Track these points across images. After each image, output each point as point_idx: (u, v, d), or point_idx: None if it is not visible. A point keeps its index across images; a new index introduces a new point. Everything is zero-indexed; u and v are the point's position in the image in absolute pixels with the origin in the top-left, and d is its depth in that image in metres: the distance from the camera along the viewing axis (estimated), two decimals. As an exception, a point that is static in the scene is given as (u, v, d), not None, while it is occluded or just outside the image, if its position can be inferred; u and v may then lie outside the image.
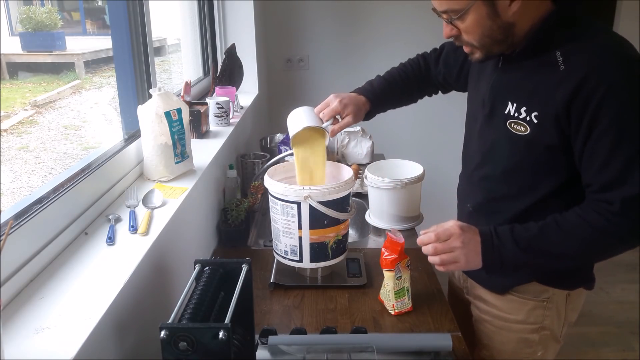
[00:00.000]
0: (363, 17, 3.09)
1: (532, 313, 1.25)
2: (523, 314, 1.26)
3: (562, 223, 1.07)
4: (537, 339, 1.27)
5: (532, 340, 1.28)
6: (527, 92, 1.09)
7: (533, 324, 1.26)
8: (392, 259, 1.24)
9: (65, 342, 0.75)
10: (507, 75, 1.16)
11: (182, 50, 2.50)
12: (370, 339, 1.13)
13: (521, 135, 1.11)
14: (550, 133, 1.06)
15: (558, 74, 1.03)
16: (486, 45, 1.10)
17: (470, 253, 1.10)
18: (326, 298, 1.35)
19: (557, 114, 1.03)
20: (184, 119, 1.39)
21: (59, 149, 1.48)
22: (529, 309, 1.25)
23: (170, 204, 1.24)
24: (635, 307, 2.88)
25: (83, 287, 0.89)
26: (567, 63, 1.02)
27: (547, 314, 1.25)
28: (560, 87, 1.02)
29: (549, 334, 1.28)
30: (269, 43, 3.10)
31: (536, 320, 1.26)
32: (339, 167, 1.47)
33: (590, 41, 1.04)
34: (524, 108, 1.09)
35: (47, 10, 1.50)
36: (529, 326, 1.27)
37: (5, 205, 0.97)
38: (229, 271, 0.94)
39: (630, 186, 1.00)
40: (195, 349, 0.76)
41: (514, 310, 1.27)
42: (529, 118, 1.08)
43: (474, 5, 1.04)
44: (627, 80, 0.99)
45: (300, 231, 1.33)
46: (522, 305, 1.25)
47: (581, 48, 1.03)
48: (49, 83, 1.59)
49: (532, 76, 1.09)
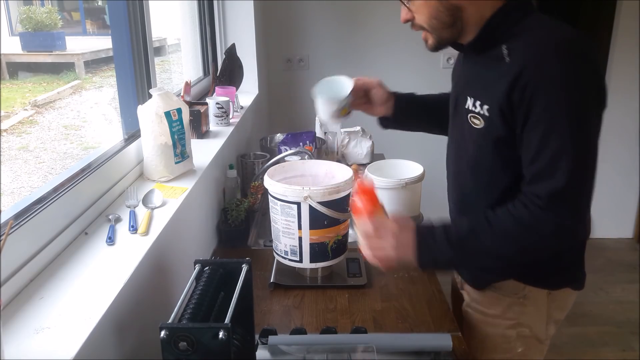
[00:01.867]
0: (363, 17, 3.09)
1: (510, 309, 1.25)
2: (500, 309, 1.26)
3: (492, 220, 1.06)
4: (514, 335, 1.27)
5: (510, 335, 1.27)
6: (480, 86, 1.11)
7: (510, 319, 1.26)
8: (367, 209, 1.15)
9: (65, 342, 0.75)
10: (466, 71, 1.20)
11: (182, 50, 2.50)
12: (370, 339, 1.13)
13: (478, 128, 1.12)
14: (497, 125, 1.07)
15: (504, 67, 1.04)
16: (436, 28, 1.11)
17: (403, 251, 1.07)
18: (326, 298, 1.35)
19: (500, 106, 1.04)
20: (184, 119, 1.39)
21: (59, 149, 1.48)
22: (506, 304, 1.25)
23: (170, 204, 1.24)
24: (635, 307, 2.88)
25: (83, 287, 0.89)
26: (511, 57, 1.03)
27: (525, 311, 1.24)
28: (503, 79, 1.03)
29: (528, 331, 1.27)
30: (269, 43, 3.10)
31: (513, 316, 1.25)
32: (339, 167, 1.47)
33: (535, 36, 1.04)
34: (479, 102, 1.10)
35: (47, 10, 1.50)
36: (507, 322, 1.26)
37: (5, 205, 0.97)
38: (229, 271, 0.94)
39: (558, 180, 0.99)
40: (195, 349, 0.76)
41: (492, 305, 1.27)
42: (482, 112, 1.10)
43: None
44: (562, 74, 0.98)
45: (300, 231, 1.33)
46: (499, 301, 1.26)
47: (525, 42, 1.03)
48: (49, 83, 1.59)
49: (484, 71, 1.11)
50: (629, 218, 3.66)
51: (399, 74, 3.15)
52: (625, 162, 3.53)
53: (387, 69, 3.16)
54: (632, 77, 3.36)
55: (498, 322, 1.27)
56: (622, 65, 3.35)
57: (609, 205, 3.60)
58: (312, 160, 1.74)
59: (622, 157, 3.52)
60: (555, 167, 1.00)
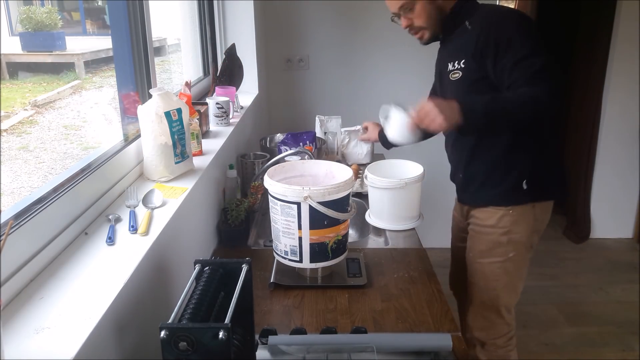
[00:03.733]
0: (363, 17, 3.09)
1: (501, 220, 1.62)
2: (494, 220, 1.63)
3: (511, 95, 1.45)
4: (505, 241, 1.63)
5: (502, 242, 1.63)
6: (455, 51, 1.59)
7: (502, 228, 1.62)
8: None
9: (65, 342, 0.75)
10: (444, 50, 1.69)
11: (182, 50, 2.49)
12: (370, 339, 1.13)
13: (457, 79, 1.57)
14: (473, 69, 1.52)
15: (469, 33, 1.54)
16: (431, 25, 1.59)
17: (446, 110, 1.40)
18: (326, 298, 1.35)
19: (473, 56, 1.50)
20: (184, 119, 1.39)
21: (59, 149, 1.48)
22: (499, 216, 1.62)
23: (170, 204, 1.24)
24: (635, 307, 2.88)
25: (83, 287, 0.89)
26: (472, 25, 1.54)
27: (514, 220, 1.61)
28: (470, 39, 1.52)
29: (517, 237, 1.62)
30: (269, 43, 3.10)
31: (504, 225, 1.62)
32: (339, 167, 1.47)
33: (486, 9, 1.56)
34: (456, 62, 1.57)
35: (47, 10, 1.49)
36: (499, 230, 1.63)
37: (5, 205, 0.97)
38: (229, 271, 0.94)
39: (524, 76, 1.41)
40: (195, 349, 0.76)
41: (488, 218, 1.65)
42: (458, 66, 1.56)
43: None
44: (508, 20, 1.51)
45: (300, 231, 1.33)
46: (493, 214, 1.63)
47: (480, 14, 1.55)
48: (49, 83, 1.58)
49: (456, 42, 1.60)
50: (629, 218, 3.66)
51: (398, 73, 3.15)
52: (625, 162, 3.53)
53: (386, 68, 3.16)
54: (632, 77, 3.35)
55: (493, 231, 1.64)
56: (622, 65, 3.35)
57: (609, 205, 3.60)
58: (312, 160, 1.74)
59: (622, 157, 3.52)
60: (528, 67, 1.41)
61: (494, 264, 1.66)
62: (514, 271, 1.67)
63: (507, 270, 1.66)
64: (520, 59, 1.42)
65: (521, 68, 1.41)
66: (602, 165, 3.56)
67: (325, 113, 2.46)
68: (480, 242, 1.68)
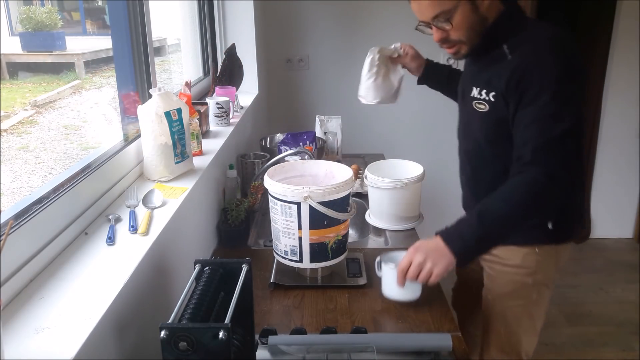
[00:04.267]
0: (363, 17, 3.09)
1: (526, 258, 1.43)
2: (518, 260, 1.44)
3: (500, 190, 1.25)
4: (530, 282, 1.45)
5: (527, 283, 1.45)
6: (485, 78, 1.34)
7: (527, 268, 1.44)
8: None
9: (65, 342, 0.75)
10: (472, 68, 1.43)
11: (182, 50, 2.49)
12: (370, 339, 1.13)
13: (482, 111, 1.35)
14: (500, 107, 1.30)
15: (506, 62, 1.28)
16: (471, 38, 1.31)
17: (437, 255, 1.22)
18: (326, 298, 1.35)
19: (502, 92, 1.28)
20: (184, 119, 1.39)
21: (59, 149, 1.48)
22: (523, 254, 1.43)
23: (170, 204, 1.24)
24: (635, 307, 2.88)
25: (83, 287, 0.89)
26: (512, 54, 1.28)
27: (539, 260, 1.43)
28: (505, 71, 1.27)
29: (541, 278, 1.45)
30: (269, 43, 3.10)
31: (529, 264, 1.43)
32: (339, 167, 1.47)
33: (530, 35, 1.29)
34: (485, 91, 1.34)
35: (47, 10, 1.49)
36: (524, 270, 1.44)
37: (5, 205, 0.97)
38: (229, 271, 0.94)
39: (538, 138, 1.21)
40: (195, 349, 0.76)
41: (511, 257, 1.44)
42: (487, 98, 1.33)
43: (460, 4, 1.25)
44: (548, 62, 1.23)
45: (300, 231, 1.33)
46: (517, 252, 1.43)
47: (522, 40, 1.28)
48: (49, 83, 1.58)
49: (488, 66, 1.34)
50: (629, 218, 3.66)
51: (399, 74, 3.15)
52: (625, 162, 3.53)
53: (387, 69, 3.15)
54: (632, 77, 3.35)
55: (517, 272, 1.45)
56: (622, 65, 3.35)
57: (609, 205, 3.60)
58: (312, 160, 1.74)
59: (622, 157, 3.52)
60: (538, 132, 1.21)
61: (517, 308, 1.48)
62: (537, 314, 1.50)
63: (531, 313, 1.49)
64: (541, 117, 1.21)
65: (538, 128, 1.21)
66: (602, 165, 3.56)
67: (325, 113, 2.46)
68: (501, 283, 1.48)
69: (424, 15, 1.29)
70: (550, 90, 1.20)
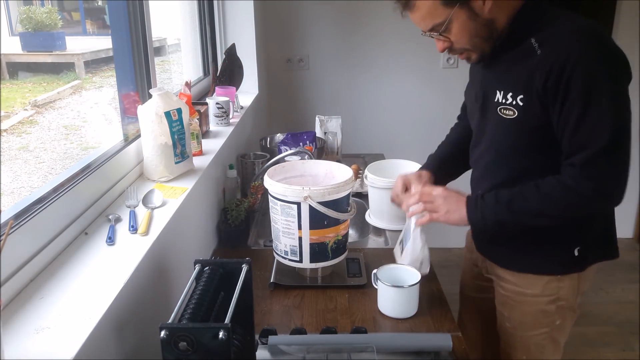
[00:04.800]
0: (363, 17, 3.09)
1: (548, 286, 1.31)
2: (539, 288, 1.32)
3: (540, 185, 1.17)
4: (553, 309, 1.33)
5: (550, 310, 1.34)
6: (511, 79, 1.19)
7: (549, 295, 1.32)
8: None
9: (65, 342, 0.75)
10: (493, 68, 1.26)
11: (182, 50, 2.49)
12: (370, 339, 1.13)
13: (511, 118, 1.20)
14: (535, 112, 1.16)
15: (536, 58, 1.13)
16: (477, 44, 1.20)
17: (452, 206, 1.24)
18: (326, 298, 1.35)
19: (538, 94, 1.13)
20: (184, 119, 1.39)
21: (59, 149, 1.48)
22: (544, 282, 1.31)
23: (170, 204, 1.24)
24: (635, 307, 2.88)
25: (83, 287, 0.89)
26: (542, 48, 1.13)
27: (562, 286, 1.31)
28: (538, 69, 1.12)
29: (565, 304, 1.33)
30: (269, 43, 3.10)
31: (552, 292, 1.32)
32: (339, 167, 1.47)
33: (561, 26, 1.14)
34: (510, 94, 1.19)
35: (47, 10, 1.49)
36: (546, 298, 1.32)
37: (5, 205, 0.97)
38: (229, 271, 0.94)
39: (590, 148, 1.10)
40: (195, 349, 0.76)
41: (530, 285, 1.33)
42: (515, 102, 1.18)
43: (454, 13, 1.15)
44: (591, 56, 1.09)
45: (300, 231, 1.33)
46: (537, 280, 1.32)
47: (553, 33, 1.13)
48: (49, 83, 1.58)
49: (514, 65, 1.19)
50: (629, 218, 3.66)
51: (399, 73, 3.15)
52: (625, 162, 3.53)
53: (387, 68, 3.16)
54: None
55: (537, 300, 1.33)
56: (622, 65, 3.35)
57: (609, 205, 3.59)
58: (312, 160, 1.74)
59: (622, 157, 3.52)
60: (589, 139, 1.10)
61: (540, 336, 1.37)
62: (561, 336, 1.40)
63: (554, 339, 1.39)
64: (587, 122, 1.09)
65: (589, 134, 1.09)
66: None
67: (325, 113, 2.46)
68: (521, 312, 1.37)
69: (420, 27, 1.22)
70: (601, 83, 1.08)
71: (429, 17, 1.17)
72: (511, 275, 1.36)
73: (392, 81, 3.18)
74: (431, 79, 3.14)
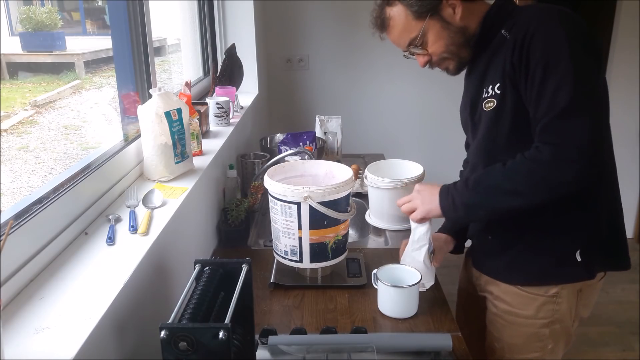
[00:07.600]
0: (363, 17, 3.08)
1: (542, 308, 1.27)
2: (533, 310, 1.27)
3: (507, 162, 1.15)
4: (547, 333, 1.29)
5: (543, 334, 1.29)
6: (490, 72, 1.21)
7: (543, 318, 1.27)
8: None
9: (65, 342, 0.75)
10: (475, 73, 1.28)
11: (182, 50, 2.49)
12: (370, 339, 1.13)
13: (492, 110, 1.20)
14: (510, 97, 1.16)
15: (506, 44, 1.16)
16: (454, 52, 1.25)
17: (426, 199, 1.24)
18: (326, 298, 1.35)
19: (509, 76, 1.14)
20: (184, 119, 1.39)
21: (59, 149, 1.48)
22: (538, 304, 1.27)
23: (170, 204, 1.24)
24: (635, 307, 2.88)
25: (83, 287, 0.89)
26: (510, 33, 1.17)
27: (557, 309, 1.26)
28: (507, 52, 1.15)
29: (559, 328, 1.29)
30: (269, 43, 3.10)
31: (546, 315, 1.27)
32: (339, 167, 1.47)
33: (525, 10, 1.18)
34: (490, 86, 1.20)
35: (47, 10, 1.49)
36: (540, 321, 1.28)
37: (5, 205, 0.97)
38: (229, 271, 0.94)
39: (551, 112, 1.08)
40: (195, 349, 0.76)
41: (524, 306, 1.28)
42: (494, 92, 1.19)
43: (427, 25, 1.20)
44: (548, 24, 1.11)
45: (300, 231, 1.33)
46: (531, 301, 1.27)
47: (519, 18, 1.17)
48: (49, 83, 1.58)
49: (492, 59, 1.21)
50: (629, 218, 3.66)
51: (399, 73, 3.15)
52: (625, 162, 3.52)
53: (387, 69, 3.16)
54: (632, 77, 3.35)
55: (530, 322, 1.29)
56: (622, 65, 3.35)
57: (609, 205, 3.59)
58: (312, 160, 1.74)
59: (622, 157, 3.49)
60: (552, 104, 1.07)
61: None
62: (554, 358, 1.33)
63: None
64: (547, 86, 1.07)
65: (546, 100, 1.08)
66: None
67: (325, 113, 2.46)
68: (511, 334, 1.32)
69: (400, 46, 1.28)
70: (559, 57, 1.07)
71: (405, 33, 1.23)
72: (505, 293, 1.30)
73: (392, 81, 3.18)
74: (431, 79, 3.13)
